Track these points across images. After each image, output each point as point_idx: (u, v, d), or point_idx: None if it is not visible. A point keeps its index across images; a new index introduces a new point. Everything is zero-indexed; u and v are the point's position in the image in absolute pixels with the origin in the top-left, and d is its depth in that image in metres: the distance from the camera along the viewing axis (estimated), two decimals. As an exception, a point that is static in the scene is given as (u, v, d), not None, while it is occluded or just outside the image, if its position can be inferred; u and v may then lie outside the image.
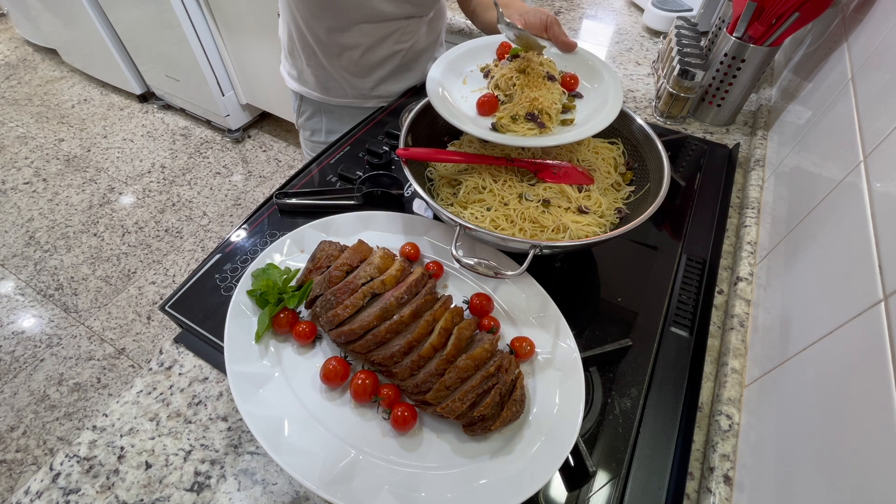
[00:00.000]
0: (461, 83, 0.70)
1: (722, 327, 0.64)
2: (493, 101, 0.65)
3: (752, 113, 1.03)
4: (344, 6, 0.85)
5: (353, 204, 0.75)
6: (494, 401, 0.47)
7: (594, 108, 0.66)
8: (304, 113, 1.11)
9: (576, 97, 0.69)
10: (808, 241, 0.55)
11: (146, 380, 0.57)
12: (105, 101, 2.78)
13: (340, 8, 0.85)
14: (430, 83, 0.67)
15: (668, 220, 0.78)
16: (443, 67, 0.70)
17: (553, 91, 0.66)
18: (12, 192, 2.22)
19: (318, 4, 0.85)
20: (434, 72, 0.68)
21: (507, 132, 0.63)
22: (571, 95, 0.69)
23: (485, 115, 0.66)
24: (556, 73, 0.69)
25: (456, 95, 0.68)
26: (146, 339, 1.72)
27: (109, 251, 2.00)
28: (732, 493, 0.47)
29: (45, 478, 0.50)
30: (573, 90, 0.69)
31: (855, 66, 0.65)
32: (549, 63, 0.69)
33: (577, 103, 0.68)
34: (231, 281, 0.65)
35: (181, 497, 0.49)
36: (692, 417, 0.54)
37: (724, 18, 1.02)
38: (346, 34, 0.90)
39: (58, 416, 1.52)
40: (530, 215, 0.62)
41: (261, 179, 2.36)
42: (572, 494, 0.49)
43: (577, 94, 0.69)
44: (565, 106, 0.67)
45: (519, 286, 0.59)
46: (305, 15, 0.89)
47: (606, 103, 0.65)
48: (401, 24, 0.92)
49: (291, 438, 0.45)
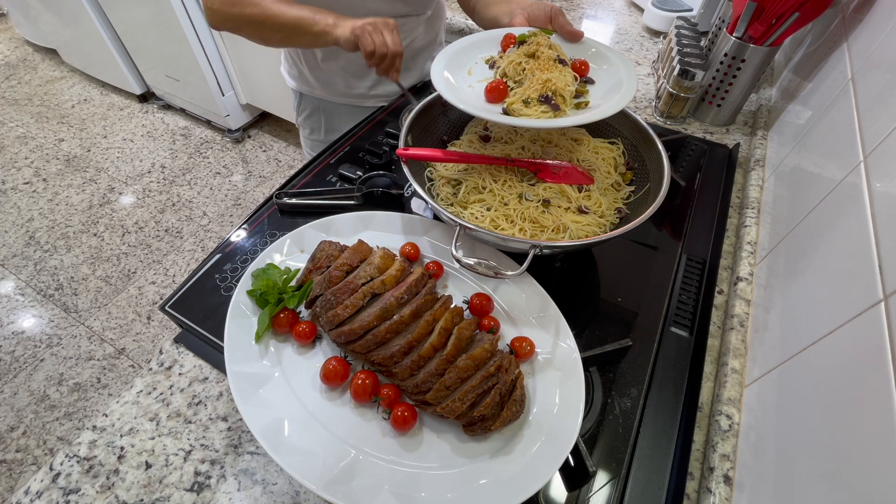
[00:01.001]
0: (466, 74, 0.69)
1: (722, 327, 0.64)
2: (502, 87, 0.63)
3: (752, 113, 1.03)
4: (336, 6, 0.84)
5: (353, 204, 0.75)
6: (494, 401, 0.47)
7: (608, 90, 0.64)
8: (304, 111, 1.11)
9: (587, 83, 0.67)
10: (808, 241, 0.55)
11: (146, 380, 0.57)
12: (105, 101, 2.78)
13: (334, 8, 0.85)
14: (434, 73, 0.65)
15: (668, 220, 0.78)
16: (446, 59, 0.68)
17: (565, 74, 0.64)
18: (12, 192, 2.22)
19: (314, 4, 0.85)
20: (437, 63, 0.66)
21: (521, 116, 0.61)
22: (583, 81, 0.67)
23: (494, 101, 0.64)
24: (566, 57, 0.67)
25: (462, 85, 0.67)
26: (146, 339, 1.72)
27: (109, 251, 2.00)
28: (732, 493, 0.47)
29: (45, 478, 0.50)
30: (584, 76, 0.67)
31: (855, 66, 0.65)
32: (557, 47, 0.67)
33: (590, 88, 0.66)
34: (231, 281, 0.65)
35: (181, 497, 0.49)
36: (692, 417, 0.54)
37: (724, 18, 1.02)
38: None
39: (58, 416, 1.52)
40: (530, 215, 0.62)
41: (261, 179, 2.36)
42: (572, 494, 0.49)
43: (588, 79, 0.67)
44: (578, 90, 0.65)
45: (519, 286, 0.59)
46: None
47: (621, 85, 0.63)
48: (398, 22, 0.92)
49: (291, 438, 0.45)
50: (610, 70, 0.67)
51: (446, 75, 0.65)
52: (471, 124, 0.78)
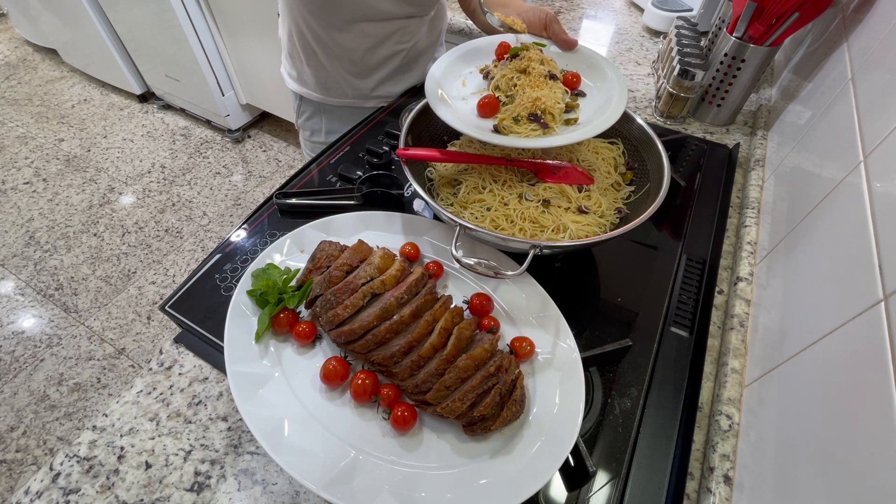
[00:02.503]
0: (460, 85, 0.69)
1: (722, 327, 0.64)
2: (494, 102, 0.64)
3: (752, 113, 1.03)
4: (344, 5, 0.85)
5: (353, 204, 0.75)
6: (494, 401, 0.47)
7: (598, 107, 0.65)
8: (304, 113, 1.11)
9: (579, 95, 0.68)
10: (808, 241, 0.55)
11: (146, 380, 0.57)
12: (105, 101, 2.78)
13: (341, 7, 0.85)
14: (428, 87, 0.65)
15: (668, 220, 0.78)
16: (441, 70, 0.69)
17: (555, 90, 0.65)
18: (12, 192, 2.22)
19: (319, 4, 0.85)
20: (432, 75, 0.67)
21: (510, 134, 0.62)
22: (574, 94, 0.68)
23: (486, 116, 0.64)
24: (558, 71, 0.68)
25: (456, 98, 0.67)
26: (146, 339, 1.72)
27: (109, 251, 2.00)
28: (732, 493, 0.47)
29: (45, 478, 0.50)
30: (575, 89, 0.68)
31: (855, 66, 0.65)
32: (549, 62, 0.68)
33: (581, 102, 0.67)
34: (231, 281, 0.65)
35: (181, 497, 0.49)
36: (692, 417, 0.54)
37: (724, 18, 1.02)
38: (347, 34, 0.90)
39: (58, 416, 1.52)
40: (530, 215, 0.62)
41: (261, 179, 2.36)
42: (572, 494, 0.49)
43: (579, 92, 0.68)
44: (568, 105, 0.65)
45: (519, 286, 0.59)
46: (306, 15, 0.88)
47: (611, 102, 0.64)
48: (402, 23, 0.92)
49: (291, 438, 0.45)
50: (603, 86, 0.67)
51: (441, 95, 0.66)
52: (471, 124, 0.78)
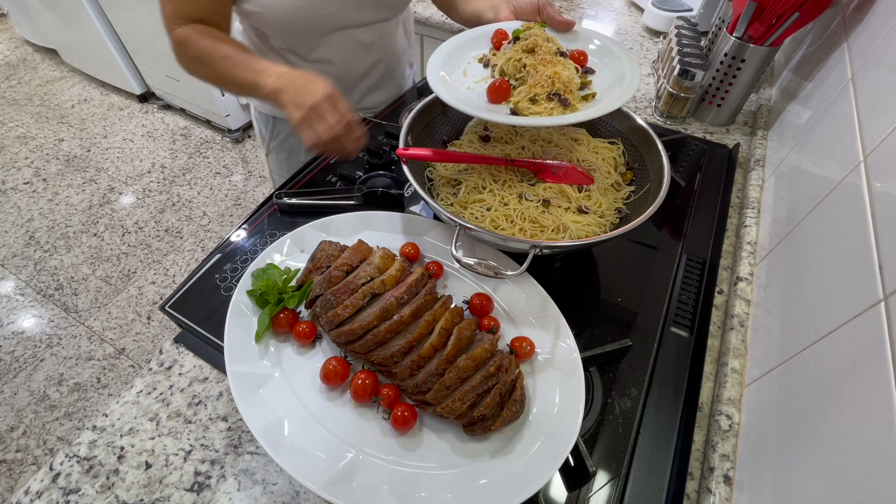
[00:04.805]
0: (461, 75, 0.67)
1: (722, 327, 0.64)
2: (505, 86, 0.61)
3: (752, 113, 1.03)
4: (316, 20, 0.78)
5: (353, 204, 0.75)
6: (494, 401, 0.47)
7: (612, 81, 0.63)
8: (279, 135, 1.01)
9: (588, 73, 0.65)
10: (808, 241, 0.55)
11: (146, 380, 0.57)
12: (105, 101, 2.78)
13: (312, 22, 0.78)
14: (431, 79, 0.62)
15: (668, 220, 0.78)
16: (440, 62, 0.66)
17: (568, 66, 0.62)
18: (12, 192, 2.22)
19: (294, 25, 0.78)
20: (433, 67, 0.64)
21: (530, 115, 0.58)
22: (584, 72, 0.65)
23: (498, 101, 0.61)
24: (565, 49, 0.66)
25: (461, 88, 0.65)
26: (146, 339, 1.72)
27: (109, 251, 2.00)
28: (732, 493, 0.47)
29: (45, 478, 0.50)
30: (584, 66, 0.65)
31: (855, 66, 0.65)
32: (555, 40, 0.65)
33: (592, 78, 0.65)
34: (231, 281, 0.65)
35: (181, 497, 0.49)
36: (692, 417, 0.54)
37: (724, 18, 1.02)
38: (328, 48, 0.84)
39: (58, 416, 1.52)
40: (530, 215, 0.62)
41: (261, 179, 2.36)
42: (572, 494, 0.49)
43: (588, 69, 0.65)
44: (582, 82, 0.63)
45: (519, 286, 0.59)
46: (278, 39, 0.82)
47: (624, 76, 0.62)
48: (381, 27, 0.87)
49: (291, 438, 0.45)
50: (612, 63, 0.65)
51: (443, 75, 0.64)
52: (471, 124, 0.78)
